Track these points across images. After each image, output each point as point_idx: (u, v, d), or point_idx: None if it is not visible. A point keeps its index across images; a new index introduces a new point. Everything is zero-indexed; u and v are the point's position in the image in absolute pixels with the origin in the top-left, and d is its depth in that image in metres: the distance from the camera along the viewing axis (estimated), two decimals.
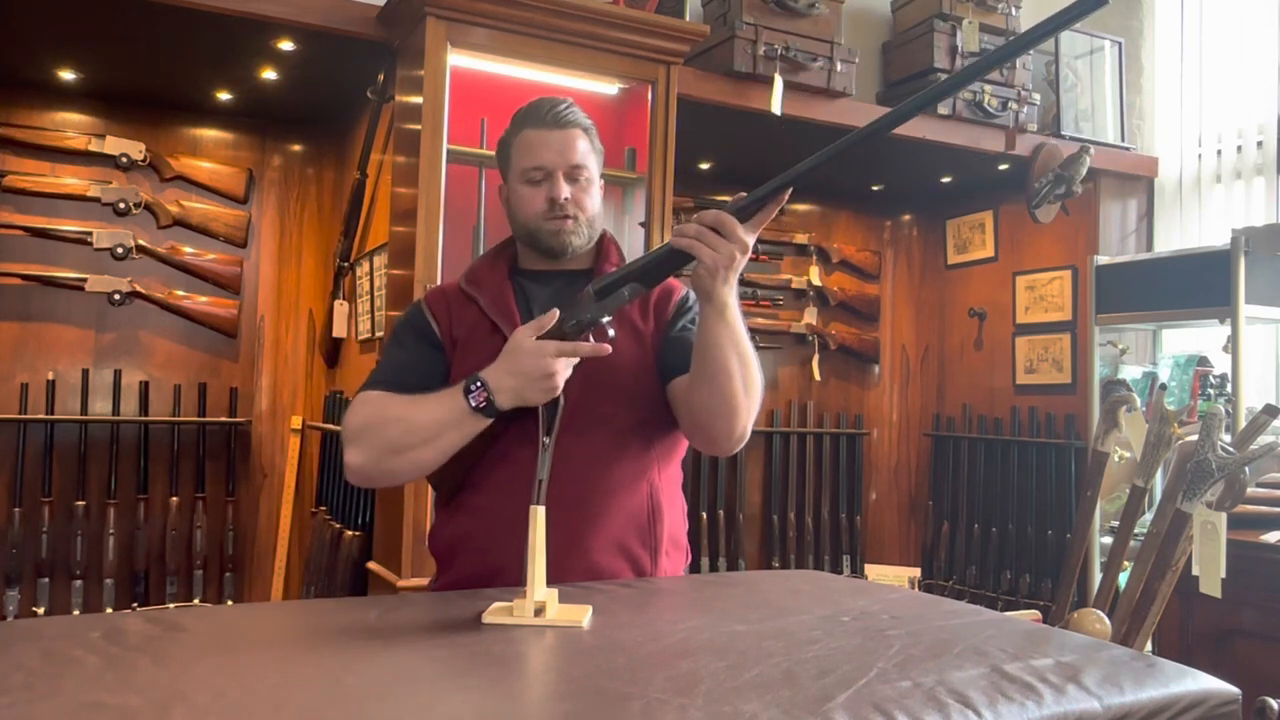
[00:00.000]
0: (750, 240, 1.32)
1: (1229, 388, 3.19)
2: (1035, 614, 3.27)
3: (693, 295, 1.59)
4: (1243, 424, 2.59)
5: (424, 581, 1.59)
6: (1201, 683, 0.99)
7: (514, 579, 1.42)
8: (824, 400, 4.25)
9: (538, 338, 1.34)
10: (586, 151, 1.55)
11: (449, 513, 1.54)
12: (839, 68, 3.25)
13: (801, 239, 4.22)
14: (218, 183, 3.43)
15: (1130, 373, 3.61)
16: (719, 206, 1.34)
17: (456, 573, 1.49)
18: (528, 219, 1.54)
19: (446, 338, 1.54)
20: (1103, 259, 3.59)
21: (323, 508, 3.30)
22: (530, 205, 1.54)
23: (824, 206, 4.35)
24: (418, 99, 2.54)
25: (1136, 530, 2.40)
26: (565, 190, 1.52)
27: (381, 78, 2.91)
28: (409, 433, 1.44)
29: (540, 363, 1.33)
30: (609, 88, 2.84)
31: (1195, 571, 2.13)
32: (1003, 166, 3.80)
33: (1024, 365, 4.01)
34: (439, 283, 2.48)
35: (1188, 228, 3.82)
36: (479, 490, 1.49)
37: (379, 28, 2.68)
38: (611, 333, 1.39)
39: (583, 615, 1.15)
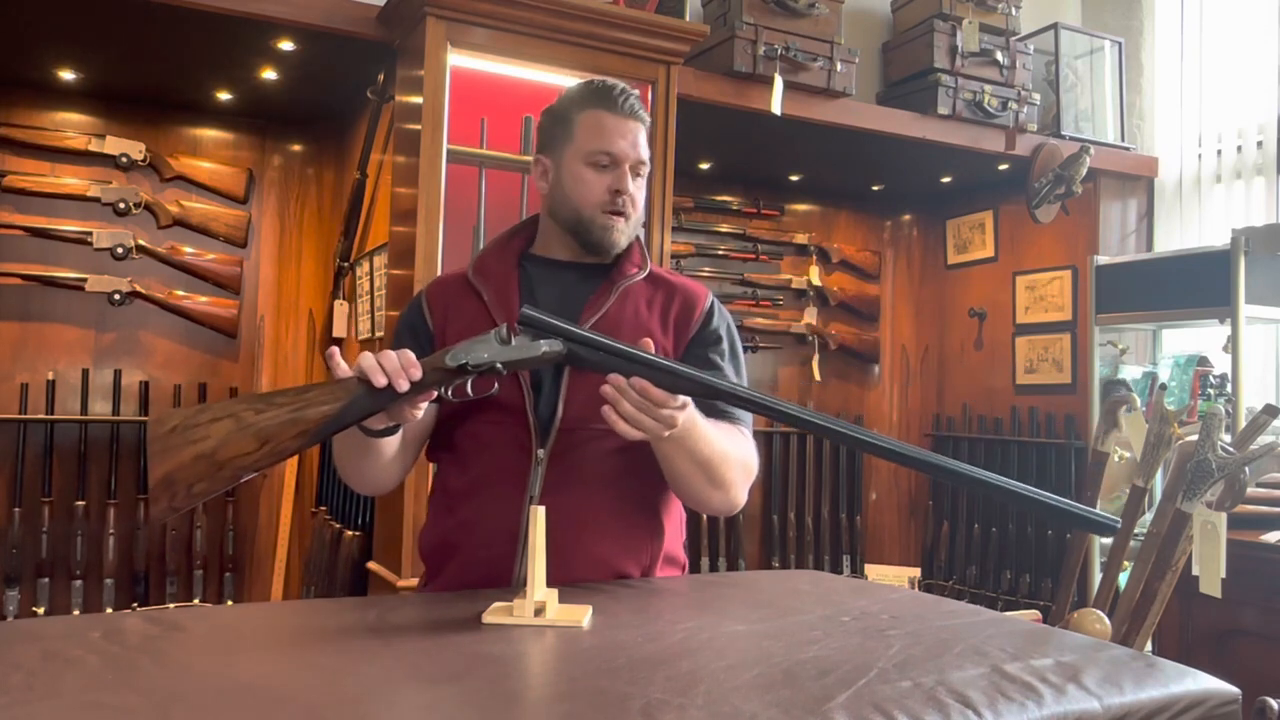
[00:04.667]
0: (680, 414, 1.24)
1: (1229, 388, 3.19)
2: (1035, 614, 3.27)
3: (718, 309, 1.53)
4: (1243, 424, 2.59)
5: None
6: (1201, 683, 0.99)
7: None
8: (824, 400, 4.25)
9: (424, 361, 1.22)
10: (646, 148, 1.49)
11: (440, 516, 1.49)
12: (839, 68, 3.25)
13: (801, 239, 4.22)
14: (218, 183, 3.43)
15: (1130, 373, 3.61)
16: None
17: (444, 581, 1.45)
18: (583, 204, 1.45)
19: (439, 333, 1.47)
20: (1103, 259, 3.59)
21: (323, 508, 3.30)
22: (591, 191, 1.44)
23: (824, 206, 4.35)
24: (418, 99, 2.54)
25: (1136, 530, 2.40)
26: (630, 184, 1.45)
27: (381, 78, 2.91)
28: (338, 454, 1.45)
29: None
30: None
31: (1195, 571, 2.13)
32: (1003, 166, 3.80)
33: (1024, 365, 4.01)
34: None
35: (1188, 228, 3.82)
36: (469, 501, 1.44)
37: (379, 28, 2.68)
38: (497, 387, 1.27)
39: (583, 615, 1.15)
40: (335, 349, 1.26)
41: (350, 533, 2.94)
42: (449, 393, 1.25)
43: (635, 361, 1.22)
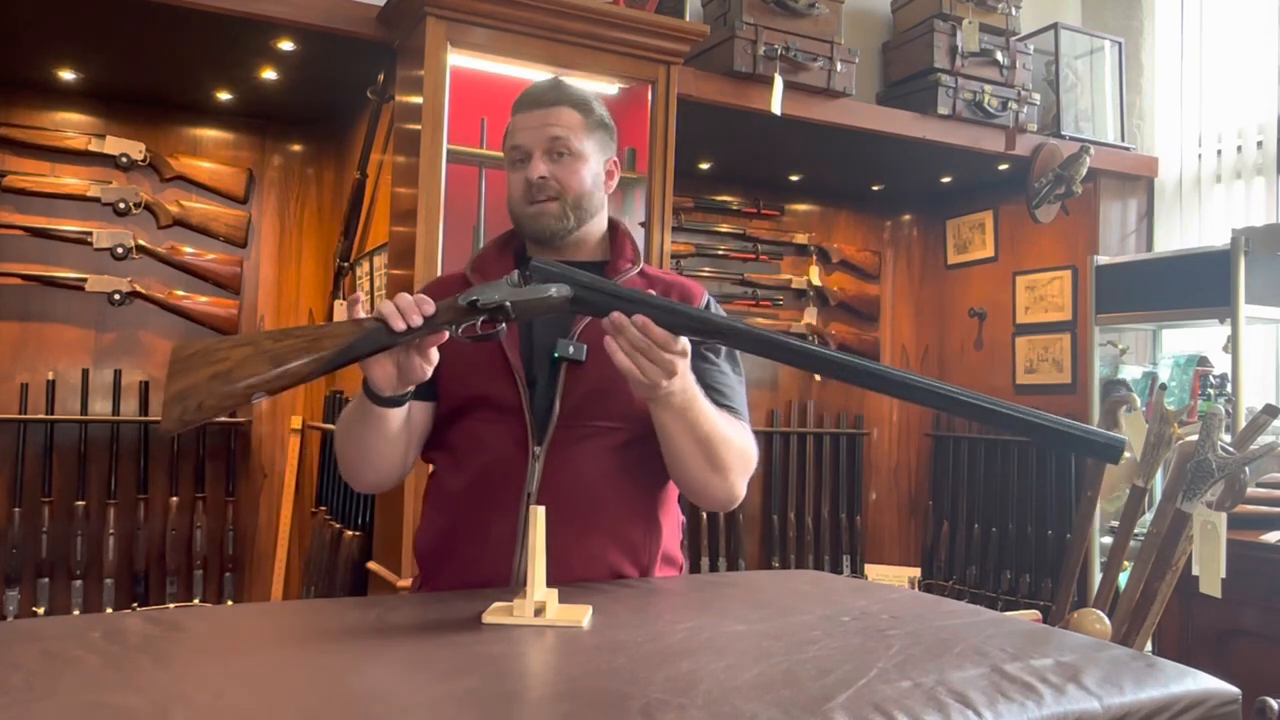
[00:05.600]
0: (681, 361, 1.25)
1: (1229, 388, 3.19)
2: (1035, 614, 3.27)
3: (714, 308, 1.52)
4: (1243, 424, 2.59)
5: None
6: (1201, 683, 0.99)
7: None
8: (824, 400, 4.25)
9: (439, 303, 1.25)
10: (574, 126, 1.47)
11: (436, 516, 1.49)
12: (839, 68, 3.25)
13: (801, 239, 4.22)
14: (218, 183, 3.43)
15: (1130, 373, 3.61)
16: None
17: (442, 582, 1.45)
18: (511, 205, 1.49)
19: None
20: (1103, 259, 3.59)
21: (323, 508, 3.30)
22: (513, 189, 1.48)
23: (824, 206, 4.35)
24: (418, 99, 2.54)
25: (1136, 530, 2.40)
26: (541, 169, 1.44)
27: (381, 78, 2.91)
28: (343, 438, 1.45)
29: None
30: (609, 88, 2.84)
31: (1195, 571, 2.13)
32: (1003, 166, 3.80)
33: (1024, 365, 4.01)
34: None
35: (1188, 228, 3.82)
36: (466, 500, 1.43)
37: (379, 28, 2.68)
38: (502, 327, 1.28)
39: (583, 615, 1.15)
40: (359, 294, 1.29)
41: (350, 533, 2.94)
42: (459, 330, 1.27)
43: (638, 302, 1.24)
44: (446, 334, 1.26)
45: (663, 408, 1.32)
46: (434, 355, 1.29)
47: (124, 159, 3.28)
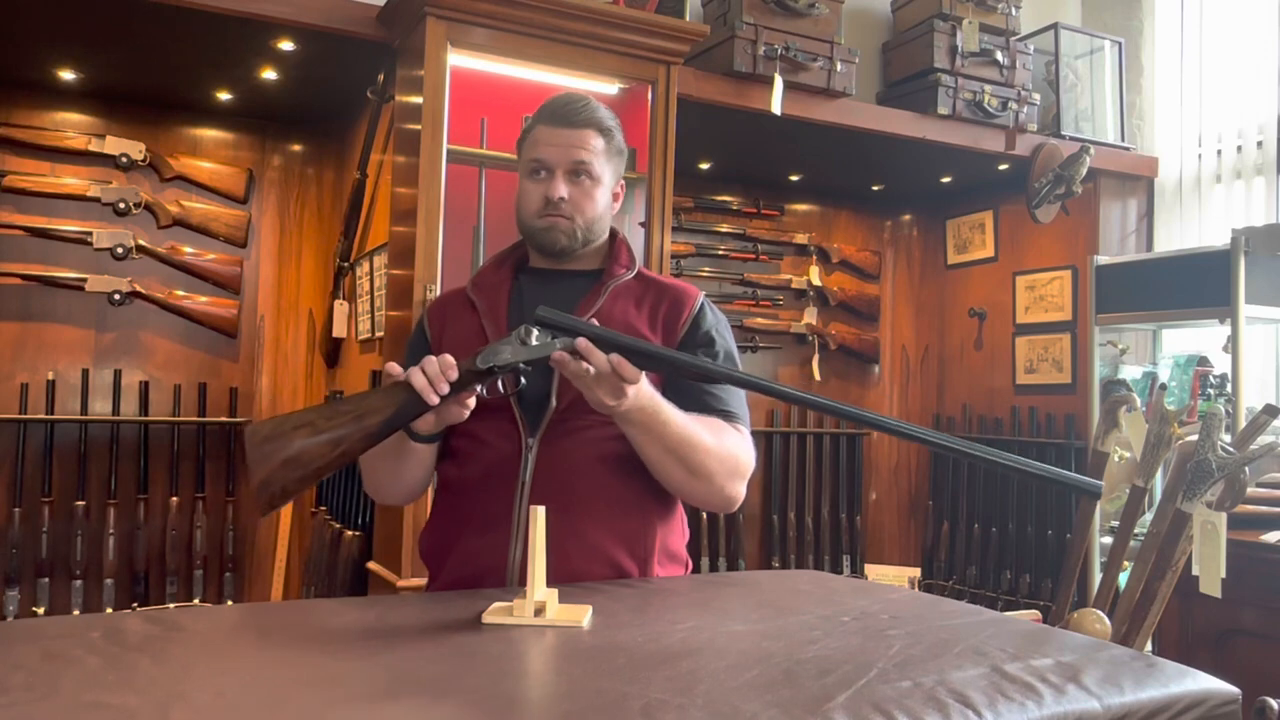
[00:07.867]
0: (629, 387, 1.29)
1: (1229, 388, 3.19)
2: (1035, 614, 3.27)
3: (708, 310, 1.55)
4: (1243, 424, 2.60)
5: (424, 582, 1.59)
6: (1201, 683, 0.99)
7: (499, 582, 1.42)
8: None
9: (460, 365, 1.30)
10: (598, 151, 1.51)
11: (437, 516, 1.53)
12: (839, 68, 3.25)
13: (801, 239, 4.22)
14: (218, 183, 3.43)
15: (1130, 373, 3.61)
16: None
17: (445, 579, 1.48)
18: (525, 214, 1.53)
19: (435, 344, 1.53)
20: (1103, 259, 3.59)
21: (323, 508, 3.30)
22: (528, 201, 1.52)
23: (824, 206, 4.35)
24: (418, 99, 2.54)
25: (1136, 530, 2.40)
26: (562, 189, 1.48)
27: (381, 78, 2.91)
28: (375, 466, 1.50)
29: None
30: (609, 88, 2.84)
31: (1195, 571, 2.13)
32: (1003, 166, 3.80)
33: (1024, 365, 4.01)
34: (439, 284, 2.49)
35: (1188, 228, 3.82)
36: (464, 494, 1.47)
37: (379, 28, 2.68)
38: (523, 381, 1.34)
39: (583, 615, 1.15)
40: (394, 365, 1.35)
41: (350, 533, 2.94)
42: (484, 391, 1.34)
43: (637, 352, 1.29)
44: (477, 390, 1.33)
45: (624, 423, 1.36)
46: (471, 402, 1.35)
47: (124, 159, 3.28)
